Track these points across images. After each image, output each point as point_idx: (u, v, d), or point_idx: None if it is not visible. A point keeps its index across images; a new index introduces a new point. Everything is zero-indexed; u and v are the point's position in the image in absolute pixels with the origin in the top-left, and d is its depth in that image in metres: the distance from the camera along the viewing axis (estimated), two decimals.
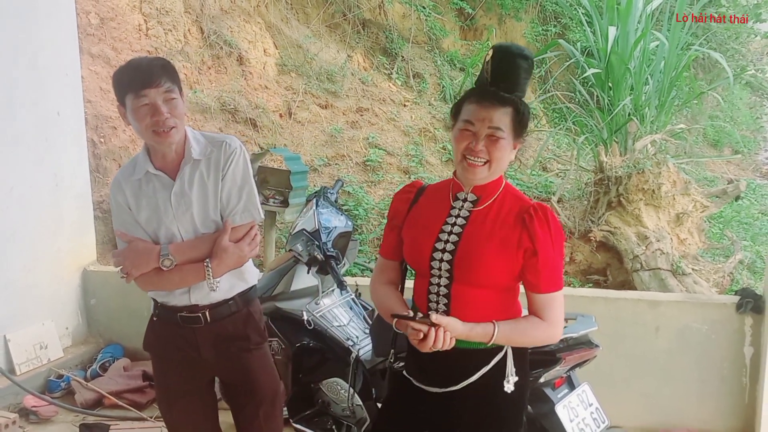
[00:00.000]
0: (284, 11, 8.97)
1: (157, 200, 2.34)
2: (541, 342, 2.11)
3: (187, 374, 2.47)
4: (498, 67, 1.98)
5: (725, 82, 9.10)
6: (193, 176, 2.32)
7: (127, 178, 2.38)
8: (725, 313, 3.81)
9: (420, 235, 2.11)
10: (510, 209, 2.05)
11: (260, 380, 2.49)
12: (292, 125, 7.72)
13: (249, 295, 2.49)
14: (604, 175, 6.06)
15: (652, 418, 3.88)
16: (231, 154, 2.33)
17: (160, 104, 2.18)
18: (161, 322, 2.49)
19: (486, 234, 2.02)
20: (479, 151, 1.97)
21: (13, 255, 4.34)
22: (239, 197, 2.35)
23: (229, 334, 2.42)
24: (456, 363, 2.07)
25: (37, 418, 4.09)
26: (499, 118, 1.96)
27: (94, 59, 6.48)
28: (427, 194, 2.21)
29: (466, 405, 2.10)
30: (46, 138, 4.52)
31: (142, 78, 2.18)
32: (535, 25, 11.11)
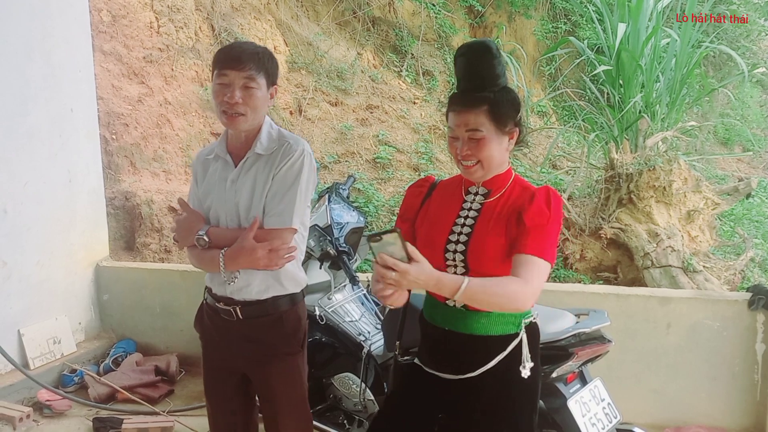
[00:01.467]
0: (294, 9, 8.98)
1: (215, 181, 2.38)
2: (512, 302, 1.95)
3: (224, 363, 2.48)
4: (464, 69, 2.05)
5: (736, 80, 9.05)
6: (251, 168, 2.33)
7: (204, 156, 2.47)
8: (737, 309, 3.80)
9: (433, 230, 2.14)
10: (518, 198, 2.08)
11: (280, 390, 2.43)
12: (303, 122, 7.73)
13: (285, 302, 2.41)
14: (614, 172, 6.04)
15: (663, 414, 3.88)
16: (289, 156, 2.29)
17: (236, 88, 2.20)
18: (208, 307, 2.51)
19: (495, 223, 2.06)
20: (466, 154, 2.03)
21: (26, 250, 4.38)
22: (281, 200, 2.29)
23: (256, 337, 2.39)
24: (472, 350, 2.10)
25: (50, 412, 4.13)
26: (474, 119, 2.01)
27: (106, 56, 6.51)
28: (439, 189, 2.24)
29: (483, 391, 2.11)
30: (59, 134, 4.56)
31: (229, 57, 2.21)
32: (545, 22, 11.08)
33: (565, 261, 6.09)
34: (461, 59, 2.06)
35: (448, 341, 2.11)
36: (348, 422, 3.42)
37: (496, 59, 2.05)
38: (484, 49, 2.04)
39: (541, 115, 10.25)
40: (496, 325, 2.09)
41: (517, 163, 8.23)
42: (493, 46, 2.06)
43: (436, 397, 2.20)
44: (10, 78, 4.21)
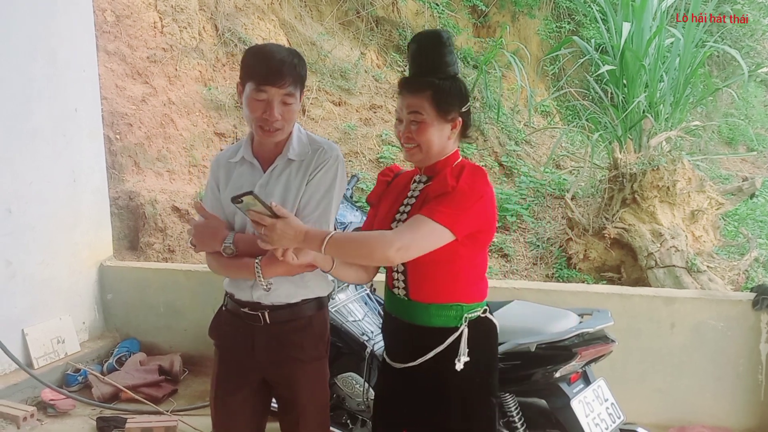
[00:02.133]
0: (298, 9, 8.98)
1: (242, 185, 2.30)
2: (372, 252, 1.98)
3: (235, 371, 2.42)
4: (414, 55, 2.13)
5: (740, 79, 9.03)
6: (282, 173, 2.29)
7: (226, 159, 2.40)
8: (741, 309, 3.79)
9: (383, 217, 2.23)
10: (447, 177, 2.10)
11: (305, 395, 2.39)
12: (306, 122, 7.73)
13: (313, 306, 2.39)
14: (618, 172, 6.03)
15: (667, 414, 3.87)
16: (324, 162, 2.26)
17: (275, 105, 2.16)
18: (228, 313, 2.45)
19: (423, 203, 2.11)
20: (407, 137, 2.10)
21: (31, 249, 4.38)
22: (317, 206, 2.26)
23: (285, 341, 2.35)
24: (415, 339, 2.15)
25: (54, 412, 4.13)
26: (416, 103, 2.07)
27: (109, 56, 6.52)
28: (398, 179, 2.33)
29: (424, 382, 2.15)
30: (63, 134, 4.57)
31: (269, 72, 2.13)
32: (549, 22, 11.07)
33: (568, 261, 6.09)
34: (413, 46, 2.13)
35: (396, 328, 2.21)
36: (351, 422, 3.42)
37: (446, 48, 2.11)
38: (435, 38, 2.11)
39: (544, 114, 10.25)
40: (435, 317, 2.12)
41: (520, 163, 8.23)
42: (445, 36, 2.12)
43: (395, 388, 2.25)
44: (14, 77, 4.22)
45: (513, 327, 2.86)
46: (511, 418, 2.86)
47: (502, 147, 8.47)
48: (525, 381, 2.79)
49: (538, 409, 2.91)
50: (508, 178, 8.01)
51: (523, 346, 2.74)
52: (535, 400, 2.91)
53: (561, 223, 6.72)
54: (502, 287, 4.01)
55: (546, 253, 6.38)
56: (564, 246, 6.23)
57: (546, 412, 2.87)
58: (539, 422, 2.91)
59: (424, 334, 2.13)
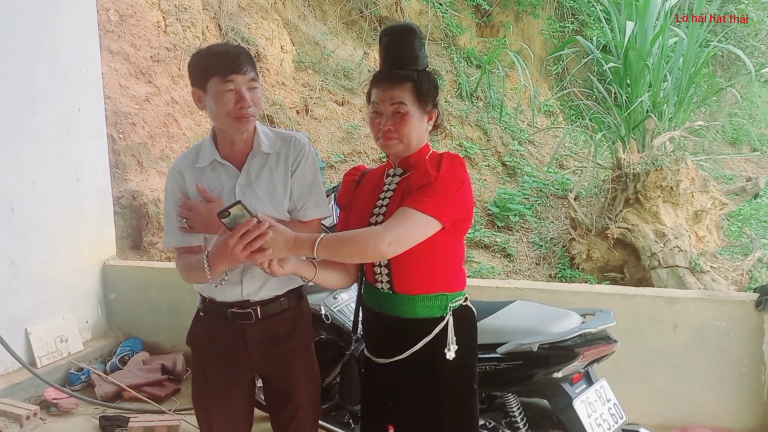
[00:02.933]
0: (301, 8, 8.99)
1: (221, 189, 2.30)
2: (363, 248, 2.01)
3: (229, 372, 2.40)
4: (390, 48, 2.12)
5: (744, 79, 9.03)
6: (260, 169, 2.29)
7: (189, 167, 2.34)
8: (744, 310, 3.78)
9: (358, 214, 2.23)
10: (426, 168, 2.12)
11: (302, 384, 2.41)
12: (309, 122, 7.74)
13: (297, 294, 2.41)
14: (621, 172, 6.03)
15: (669, 414, 3.86)
16: (301, 151, 2.31)
17: (244, 91, 2.18)
18: (208, 317, 2.41)
19: (403, 197, 2.11)
20: (388, 129, 2.09)
21: (34, 249, 4.39)
22: (310, 193, 2.32)
23: (278, 333, 2.35)
24: (400, 333, 2.16)
25: (57, 410, 4.14)
26: (399, 94, 2.08)
27: (113, 56, 6.53)
28: (367, 177, 2.33)
29: (412, 374, 2.16)
30: (67, 133, 4.57)
31: (229, 63, 2.16)
32: (552, 21, 11.07)
33: (571, 261, 6.09)
34: (387, 38, 2.14)
35: (379, 323, 2.20)
36: (353, 421, 3.42)
37: (419, 41, 2.15)
38: (408, 31, 2.13)
39: (548, 114, 10.24)
40: (421, 308, 2.14)
41: (523, 163, 8.23)
42: (417, 29, 2.16)
43: (380, 384, 2.25)
44: (18, 77, 4.23)
45: (515, 327, 2.86)
46: (513, 418, 2.85)
47: (505, 147, 8.47)
48: (527, 381, 2.78)
49: (540, 409, 2.91)
50: (511, 178, 8.01)
51: (525, 346, 2.73)
52: (537, 401, 2.90)
53: (564, 223, 6.72)
54: (504, 287, 4.01)
55: (549, 253, 6.38)
56: (567, 246, 6.23)
57: (548, 412, 2.87)
58: (541, 422, 2.90)
59: (409, 327, 2.15)
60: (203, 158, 2.32)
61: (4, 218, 4.20)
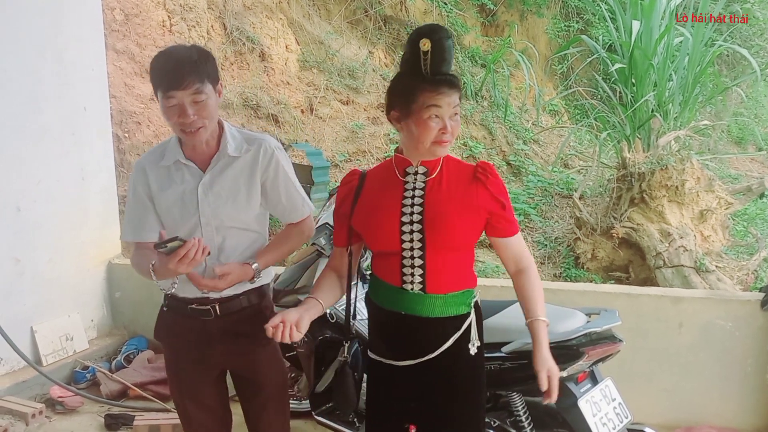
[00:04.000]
0: (306, 7, 8.99)
1: (183, 189, 2.31)
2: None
3: (197, 365, 2.46)
4: (439, 50, 2.07)
5: (749, 78, 9.01)
6: (225, 171, 2.30)
7: (153, 164, 2.36)
8: (749, 309, 3.77)
9: (383, 217, 2.16)
10: (458, 172, 2.19)
11: (268, 375, 2.49)
12: (314, 121, 7.75)
13: (260, 292, 2.46)
14: (626, 171, 6.02)
15: (674, 414, 3.86)
16: (271, 158, 2.32)
17: (187, 106, 2.15)
18: (171, 313, 2.46)
19: (445, 196, 2.14)
20: (449, 132, 2.10)
21: (39, 247, 4.40)
22: (289, 197, 2.37)
23: (238, 330, 2.40)
24: (429, 332, 2.16)
25: (63, 409, 4.15)
26: (456, 99, 2.10)
27: (118, 55, 6.54)
28: (370, 179, 2.27)
29: (441, 372, 2.18)
30: (72, 132, 4.58)
31: (170, 79, 2.13)
32: (558, 21, 11.06)
33: (576, 260, 6.08)
34: (437, 40, 2.06)
35: (404, 325, 2.17)
36: (358, 420, 3.41)
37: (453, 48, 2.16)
38: (450, 36, 2.10)
39: (552, 113, 10.22)
40: (451, 306, 2.16)
41: (528, 162, 8.22)
42: (453, 36, 2.17)
43: (400, 386, 2.23)
44: (23, 76, 4.24)
45: (520, 326, 2.83)
46: (518, 417, 2.85)
47: (510, 146, 8.47)
48: (532, 380, 2.75)
49: (545, 408, 2.90)
50: (516, 178, 8.00)
51: (529, 346, 2.71)
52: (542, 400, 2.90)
53: (569, 222, 6.71)
54: (509, 286, 3.96)
55: (554, 253, 6.37)
56: (572, 245, 6.22)
57: (553, 411, 2.86)
58: (546, 422, 2.90)
59: (438, 325, 2.16)
60: (168, 157, 2.34)
61: (9, 217, 4.20)
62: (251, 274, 2.30)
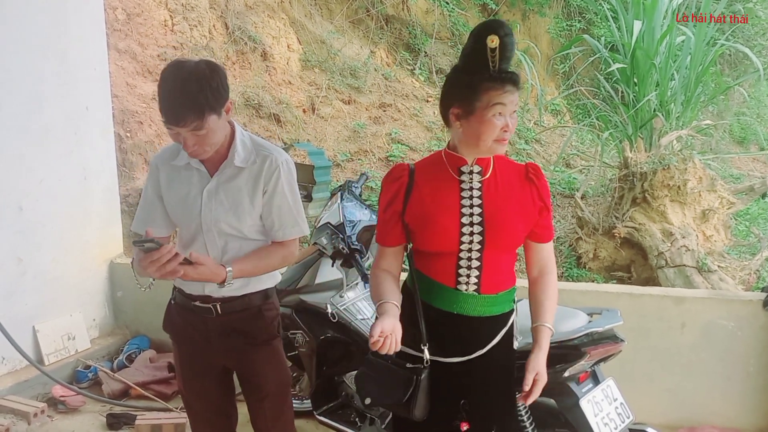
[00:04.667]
0: (308, 7, 8.99)
1: (189, 191, 2.34)
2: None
3: (200, 360, 2.50)
4: (503, 50, 2.01)
5: (752, 78, 8.99)
6: (230, 180, 2.31)
7: (166, 161, 2.38)
8: (752, 309, 3.77)
9: (442, 216, 2.13)
10: (509, 172, 2.21)
11: (266, 375, 2.49)
12: (316, 120, 7.74)
13: (261, 296, 2.47)
14: (628, 171, 6.01)
15: (676, 414, 3.86)
16: (275, 171, 2.30)
17: (188, 138, 2.13)
18: (177, 307, 2.51)
19: (503, 197, 2.16)
20: (510, 130, 2.08)
21: (42, 247, 4.41)
22: (287, 213, 2.36)
23: (237, 329, 2.43)
24: (480, 330, 2.20)
25: (65, 408, 4.16)
26: (517, 97, 2.08)
27: (120, 54, 6.54)
28: (421, 174, 2.20)
29: (490, 366, 2.22)
30: (74, 132, 4.58)
31: (167, 114, 2.09)
32: (560, 20, 11.05)
33: (578, 260, 6.07)
34: (505, 37, 1.99)
35: (456, 324, 2.18)
36: (360, 420, 3.42)
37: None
38: (511, 30, 2.03)
39: (554, 113, 10.22)
40: (501, 304, 2.22)
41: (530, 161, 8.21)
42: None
43: (450, 384, 2.21)
44: (25, 75, 4.24)
45: (522, 326, 2.83)
46: (519, 417, 2.85)
47: (511, 145, 8.46)
48: None
49: (547, 408, 2.90)
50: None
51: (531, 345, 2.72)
52: (544, 400, 2.89)
53: (571, 222, 6.70)
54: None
55: (555, 252, 6.31)
56: (574, 245, 6.21)
57: (555, 411, 2.86)
58: (548, 422, 2.90)
59: (488, 323, 2.21)
60: (181, 157, 2.34)
61: (11, 216, 4.21)
62: (222, 277, 2.21)
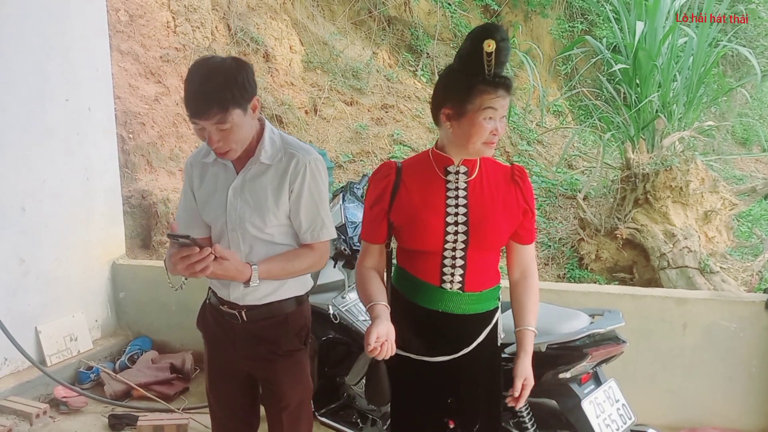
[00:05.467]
0: (310, 8, 9.00)
1: (216, 186, 2.33)
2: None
3: (227, 362, 2.49)
4: (499, 55, 2.01)
5: (754, 79, 8.98)
6: (256, 177, 2.28)
7: (199, 160, 2.40)
8: (754, 310, 3.76)
9: (427, 215, 2.15)
10: (494, 173, 2.23)
11: (286, 386, 2.45)
12: (318, 122, 7.75)
13: (290, 304, 2.41)
14: (630, 172, 6.01)
15: (678, 415, 3.85)
16: (302, 171, 2.25)
17: (212, 132, 2.12)
18: (210, 307, 2.50)
19: (488, 198, 2.18)
20: (499, 134, 2.10)
21: (44, 247, 4.41)
22: (317, 214, 2.31)
23: (262, 337, 2.39)
24: (466, 328, 2.22)
25: (67, 409, 4.16)
26: (508, 101, 2.10)
27: (123, 56, 6.56)
28: (408, 172, 2.22)
29: (475, 365, 2.24)
30: (77, 132, 4.59)
31: (192, 107, 2.10)
32: (562, 21, 11.04)
33: (580, 261, 6.07)
34: (501, 42, 1.99)
35: (441, 322, 2.19)
36: (361, 421, 3.42)
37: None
38: (507, 35, 2.04)
39: (557, 114, 10.22)
40: (486, 302, 2.25)
41: (532, 162, 8.21)
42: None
43: (437, 382, 2.24)
44: (28, 76, 4.25)
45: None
46: (521, 418, 2.84)
47: (513, 147, 8.46)
48: (535, 381, 2.78)
49: (549, 409, 2.90)
50: None
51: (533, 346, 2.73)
52: (546, 401, 2.90)
53: (573, 223, 6.70)
54: None
55: (558, 254, 6.36)
56: (576, 246, 6.21)
57: (556, 412, 2.86)
58: (549, 423, 2.90)
59: (473, 321, 2.23)
60: (211, 154, 2.33)
61: (14, 217, 4.22)
62: (247, 276, 2.19)
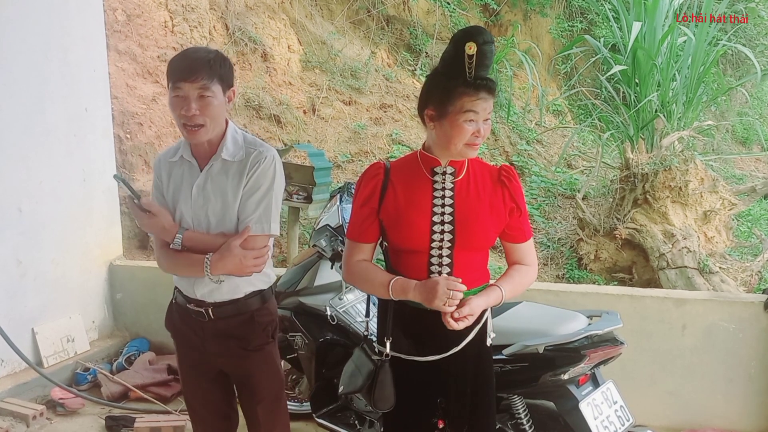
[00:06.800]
0: (308, 7, 8.98)
1: (181, 185, 2.37)
2: (529, 285, 2.33)
3: (199, 360, 2.51)
4: (480, 58, 2.03)
5: (754, 78, 8.97)
6: (218, 174, 2.33)
7: (167, 158, 2.44)
8: (753, 311, 3.75)
9: (414, 216, 2.17)
10: (482, 173, 2.25)
11: (259, 380, 2.49)
12: (316, 121, 7.73)
13: (256, 300, 2.45)
14: (630, 172, 6.00)
15: (678, 416, 3.84)
16: (257, 163, 2.30)
17: (191, 100, 2.18)
18: (177, 307, 2.53)
19: (474, 198, 2.19)
20: (481, 136, 2.11)
21: (42, 248, 4.40)
22: (256, 207, 2.31)
23: (230, 333, 2.42)
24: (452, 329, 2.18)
25: (64, 410, 4.14)
26: (491, 104, 2.12)
27: (120, 56, 6.54)
28: (396, 173, 2.24)
29: (464, 365, 2.23)
30: (75, 133, 4.58)
31: (182, 69, 2.19)
32: (561, 21, 11.04)
33: (579, 261, 6.06)
34: (485, 45, 2.02)
35: (430, 321, 2.17)
36: (359, 422, 3.41)
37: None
38: (491, 38, 2.06)
39: (556, 113, 10.21)
40: None
41: (531, 162, 8.20)
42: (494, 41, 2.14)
43: (425, 382, 2.24)
44: (26, 77, 4.23)
45: (521, 328, 2.85)
46: (519, 420, 2.84)
47: (513, 146, 8.45)
48: (533, 383, 2.77)
49: (546, 411, 2.90)
50: (519, 178, 7.97)
51: (531, 348, 2.72)
52: (543, 402, 2.89)
53: (572, 223, 6.69)
54: None
55: (556, 254, 6.35)
56: (575, 246, 6.20)
57: (554, 414, 2.85)
58: (547, 424, 2.89)
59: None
60: (178, 152, 2.40)
61: (11, 218, 4.20)
62: (172, 235, 2.33)
